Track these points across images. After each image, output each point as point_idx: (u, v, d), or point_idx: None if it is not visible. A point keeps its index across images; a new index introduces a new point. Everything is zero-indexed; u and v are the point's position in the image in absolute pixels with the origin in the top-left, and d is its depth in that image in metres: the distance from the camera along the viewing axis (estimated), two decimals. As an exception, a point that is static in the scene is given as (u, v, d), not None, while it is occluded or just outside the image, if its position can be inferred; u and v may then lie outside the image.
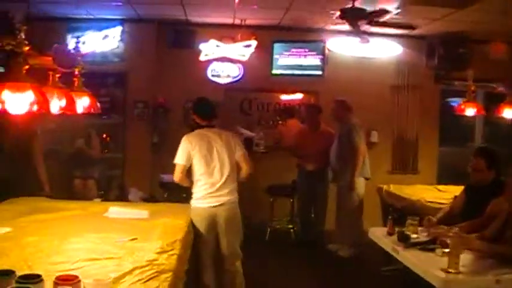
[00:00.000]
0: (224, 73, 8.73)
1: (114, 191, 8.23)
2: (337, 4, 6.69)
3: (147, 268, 3.07)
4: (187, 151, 5.05)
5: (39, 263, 3.17)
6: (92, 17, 8.33)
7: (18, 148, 6.32)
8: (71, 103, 3.78)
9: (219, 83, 8.77)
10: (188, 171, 5.09)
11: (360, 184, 7.46)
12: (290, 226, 8.24)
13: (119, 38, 8.47)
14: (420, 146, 9.31)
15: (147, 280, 2.89)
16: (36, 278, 2.50)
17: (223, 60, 8.58)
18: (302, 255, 7.47)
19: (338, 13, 6.85)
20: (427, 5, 6.77)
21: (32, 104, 2.82)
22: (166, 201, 7.58)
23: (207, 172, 4.99)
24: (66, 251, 3.46)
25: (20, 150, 6.33)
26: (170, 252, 3.45)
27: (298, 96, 9.34)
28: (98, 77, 8.54)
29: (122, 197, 7.89)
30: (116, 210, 4.86)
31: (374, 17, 7.05)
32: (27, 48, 2.95)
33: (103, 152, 8.24)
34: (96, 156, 7.77)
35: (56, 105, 3.65)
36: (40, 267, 3.05)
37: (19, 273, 2.62)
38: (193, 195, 5.04)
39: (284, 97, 9.33)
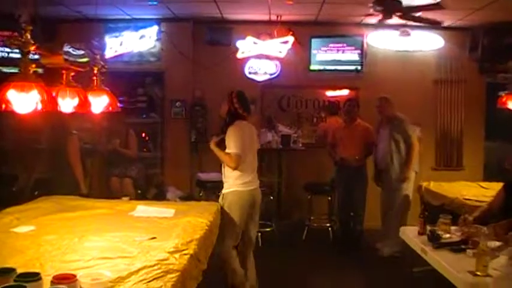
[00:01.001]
0: (261, 70, 8.67)
1: (152, 190, 8.30)
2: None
3: (155, 268, 3.04)
4: (242, 140, 5.29)
5: (52, 261, 3.19)
6: (128, 17, 8.43)
7: (55, 147, 6.45)
8: (84, 102, 3.80)
9: (256, 80, 8.72)
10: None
11: (411, 179, 7.32)
12: (328, 225, 8.11)
13: (156, 38, 8.56)
14: (465, 142, 9.04)
15: (151, 280, 2.85)
16: (35, 276, 2.51)
17: (260, 57, 8.54)
18: (339, 254, 7.37)
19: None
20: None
21: (37, 103, 2.84)
22: (202, 199, 7.62)
23: (250, 160, 5.43)
24: (82, 250, 3.47)
25: (56, 150, 6.46)
26: (183, 252, 3.41)
27: (342, 92, 9.17)
28: (135, 77, 8.70)
29: (160, 196, 7.96)
30: (142, 209, 4.87)
31: (411, 12, 6.88)
32: (33, 48, 2.97)
33: (141, 151, 8.34)
34: (133, 155, 7.85)
35: (69, 104, 3.67)
36: (52, 265, 3.08)
37: (28, 271, 2.65)
38: (236, 181, 5.33)
39: (326, 93, 9.18)
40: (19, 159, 8.19)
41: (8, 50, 8.20)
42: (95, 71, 4.28)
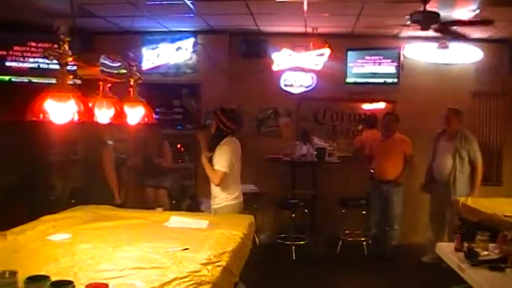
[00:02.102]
0: (297, 83, 8.66)
1: (186, 201, 8.33)
2: (409, 8, 6.48)
3: (186, 279, 3.03)
4: (232, 160, 5.63)
5: (85, 270, 3.20)
6: (165, 29, 8.53)
7: (89, 158, 6.54)
8: (120, 112, 3.84)
9: (292, 93, 8.72)
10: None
11: None
12: (363, 239, 8.02)
13: (192, 50, 8.63)
14: (505, 156, 8.88)
15: (183, 291, 2.86)
16: (68, 285, 2.54)
17: (296, 69, 8.53)
18: (374, 269, 7.28)
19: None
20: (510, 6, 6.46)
21: (74, 114, 2.88)
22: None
23: (236, 175, 5.81)
24: (115, 259, 3.47)
25: (90, 160, 6.55)
26: (216, 264, 3.39)
27: (378, 105, 9.10)
28: (172, 88, 8.77)
29: (194, 207, 7.98)
30: (176, 220, 4.88)
31: (450, 26, 6.80)
32: (70, 59, 3.02)
33: (176, 162, 8.39)
34: (168, 166, 7.90)
35: (105, 115, 3.72)
36: (85, 274, 3.08)
37: (62, 279, 2.67)
38: (228, 196, 5.70)
39: (362, 106, 9.13)
40: (56, 168, 8.35)
41: (47, 61, 8.34)
42: (131, 83, 4.33)
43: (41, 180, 8.30)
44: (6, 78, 8.26)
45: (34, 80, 8.30)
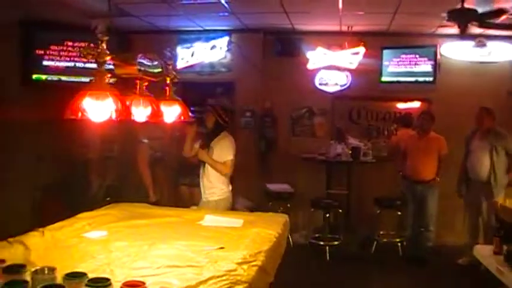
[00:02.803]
0: (332, 81, 8.62)
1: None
2: (446, 5, 6.38)
3: (223, 278, 3.03)
4: (235, 150, 5.94)
5: (122, 267, 3.23)
6: (200, 28, 8.56)
7: (125, 156, 6.60)
8: (156, 111, 3.86)
9: (326, 92, 8.67)
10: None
11: None
12: (397, 240, 7.92)
13: (226, 48, 8.64)
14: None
15: (219, 290, 2.87)
16: (105, 282, 2.56)
17: (331, 68, 8.48)
18: (408, 271, 7.18)
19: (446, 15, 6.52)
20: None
21: (112, 112, 2.91)
22: (271, 211, 7.61)
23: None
24: (151, 257, 3.49)
25: (126, 158, 6.61)
26: (252, 263, 3.39)
27: (413, 104, 8.98)
28: (206, 87, 8.80)
29: (228, 206, 8.00)
30: (211, 218, 4.88)
31: (489, 19, 6.66)
32: (108, 58, 3.05)
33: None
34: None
35: (142, 113, 3.74)
36: (121, 272, 3.11)
37: (99, 276, 2.70)
38: (228, 187, 5.96)
39: (398, 105, 9.01)
40: (92, 166, 8.46)
41: (83, 60, 8.45)
42: (168, 81, 4.35)
43: (78, 177, 8.42)
44: (43, 77, 8.37)
45: (71, 79, 8.41)
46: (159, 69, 3.95)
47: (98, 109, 2.87)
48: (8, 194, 7.83)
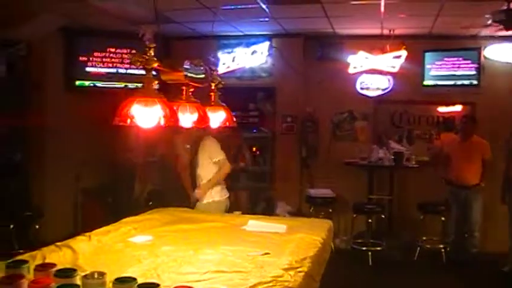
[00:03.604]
0: (373, 85, 8.54)
1: (261, 204, 8.36)
2: (490, 7, 6.27)
3: (270, 284, 3.02)
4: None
5: (168, 272, 3.24)
6: (241, 33, 8.59)
7: (166, 161, 6.65)
8: (203, 117, 3.89)
9: (368, 96, 8.60)
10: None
11: None
12: (441, 246, 7.78)
13: (267, 53, 8.65)
14: None
15: (268, 296, 2.86)
16: (154, 287, 2.58)
17: (373, 72, 8.39)
18: (452, 277, 7.05)
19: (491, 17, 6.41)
20: None
21: (160, 118, 2.94)
22: (312, 216, 7.60)
23: None
24: (197, 262, 3.50)
25: (167, 163, 6.66)
26: (298, 269, 3.36)
27: (456, 108, 8.84)
28: (247, 92, 8.83)
29: (269, 211, 8.01)
30: (254, 224, 4.87)
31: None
32: (155, 64, 3.08)
33: (252, 165, 8.44)
34: (246, 168, 7.98)
35: (189, 119, 3.77)
36: (168, 276, 3.13)
37: (144, 281, 2.72)
38: (215, 189, 5.97)
39: (440, 109, 8.88)
40: (135, 171, 8.57)
41: (125, 66, 8.57)
42: (213, 87, 4.38)
43: (121, 182, 8.55)
44: (86, 83, 8.50)
45: (113, 84, 8.53)
46: (204, 75, 3.98)
47: (146, 115, 2.90)
48: (53, 199, 7.98)
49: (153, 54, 3.09)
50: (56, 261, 3.11)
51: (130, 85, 8.51)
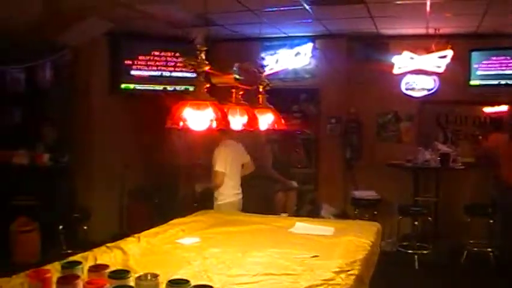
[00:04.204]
0: (418, 86, 8.41)
1: (306, 207, 8.35)
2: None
3: (321, 287, 3.03)
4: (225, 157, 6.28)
5: (218, 274, 3.26)
6: (284, 35, 8.58)
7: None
8: (253, 119, 3.89)
9: (413, 97, 8.48)
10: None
11: None
12: (489, 249, 7.60)
13: (311, 55, 8.62)
14: None
15: (320, 300, 2.84)
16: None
17: (418, 72, 8.28)
18: (500, 282, 6.87)
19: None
20: None
21: (212, 121, 2.96)
22: (357, 218, 7.54)
23: (234, 172, 6.41)
24: (246, 264, 3.51)
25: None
26: (349, 272, 3.33)
27: (502, 108, 8.64)
28: (290, 94, 8.82)
29: (314, 213, 7.99)
30: (301, 226, 4.86)
31: None
32: (207, 67, 3.11)
33: (296, 167, 8.46)
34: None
35: (239, 122, 3.78)
36: (218, 278, 3.14)
37: (196, 283, 2.74)
38: (230, 191, 6.22)
39: (486, 109, 8.70)
40: (179, 173, 8.66)
41: (169, 69, 8.67)
42: (260, 89, 4.38)
43: (165, 184, 8.64)
44: (131, 86, 8.61)
45: (157, 87, 8.63)
46: (253, 78, 3.99)
47: (198, 118, 2.92)
48: (99, 200, 8.11)
49: (204, 57, 3.12)
50: (107, 262, 3.15)
51: (175, 88, 8.61)
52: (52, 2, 6.51)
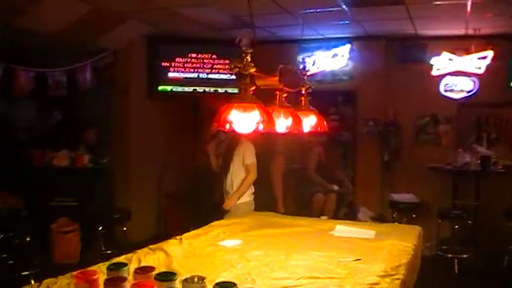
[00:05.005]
0: (458, 87, 8.29)
1: (343, 209, 8.30)
2: None
3: (367, 291, 3.01)
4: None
5: (262, 277, 3.25)
6: (321, 37, 8.56)
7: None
8: (297, 122, 3.88)
9: (452, 98, 8.36)
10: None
11: None
12: (533, 256, 7.47)
13: (348, 56, 8.57)
14: None
15: (366, 303, 2.82)
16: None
17: (457, 74, 8.16)
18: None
19: None
20: None
21: (258, 124, 2.97)
22: (395, 221, 7.47)
23: None
24: (290, 267, 3.49)
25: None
26: (394, 277, 3.29)
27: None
28: (327, 96, 8.78)
29: (351, 215, 7.95)
30: (342, 229, 4.83)
31: None
32: (253, 70, 3.12)
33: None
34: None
35: (283, 124, 3.78)
36: (263, 282, 3.13)
37: (240, 285, 2.74)
38: (248, 191, 6.05)
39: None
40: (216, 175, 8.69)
41: (206, 71, 8.72)
42: (303, 91, 4.37)
43: (203, 186, 8.68)
44: (169, 88, 8.68)
45: (194, 89, 8.69)
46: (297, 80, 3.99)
47: (244, 121, 2.93)
48: (136, 201, 8.19)
49: (249, 59, 3.13)
50: (151, 264, 3.17)
51: (212, 89, 8.67)
52: (94, 6, 6.61)
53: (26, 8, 6.43)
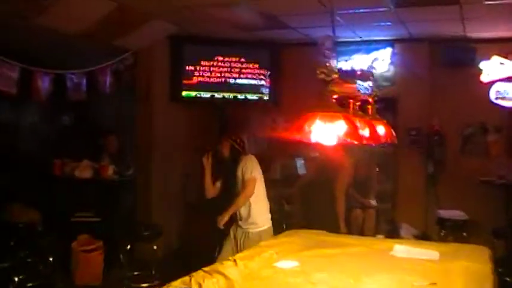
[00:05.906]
0: (510, 95, 8.20)
1: (382, 226, 8.19)
2: None
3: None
4: (258, 168, 5.84)
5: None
6: (359, 39, 8.47)
7: (324, 179, 6.66)
8: (373, 133, 3.78)
9: (503, 106, 8.24)
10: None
11: None
12: None
13: (389, 61, 8.48)
14: None
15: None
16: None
17: (509, 79, 8.08)
18: None
19: None
20: None
21: (344, 136, 2.89)
22: (443, 240, 7.36)
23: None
24: (363, 293, 3.46)
25: (325, 182, 6.67)
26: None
27: None
28: (366, 103, 8.67)
29: (392, 233, 7.84)
30: (402, 249, 4.77)
31: None
32: (336, 75, 3.04)
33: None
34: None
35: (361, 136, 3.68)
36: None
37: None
38: (268, 216, 5.83)
39: None
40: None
41: (233, 76, 8.65)
42: (370, 99, 4.29)
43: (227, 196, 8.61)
44: (193, 93, 8.62)
45: (221, 95, 8.63)
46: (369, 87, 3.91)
47: (329, 131, 2.85)
48: (158, 214, 8.11)
49: (333, 64, 3.05)
50: (213, 289, 3.13)
51: (239, 95, 8.59)
52: (120, 3, 6.56)
53: (49, 4, 6.36)
